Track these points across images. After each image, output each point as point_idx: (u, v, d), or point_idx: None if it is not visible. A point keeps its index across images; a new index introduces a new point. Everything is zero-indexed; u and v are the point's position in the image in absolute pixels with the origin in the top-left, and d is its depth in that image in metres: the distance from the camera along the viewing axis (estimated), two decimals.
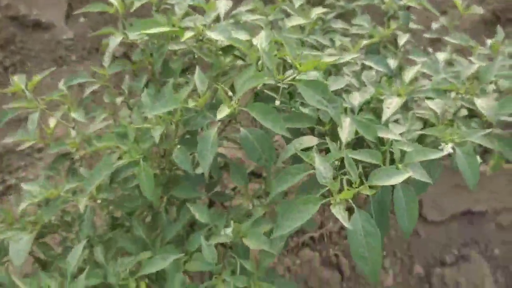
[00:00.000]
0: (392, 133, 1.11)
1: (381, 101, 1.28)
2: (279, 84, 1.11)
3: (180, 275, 1.17)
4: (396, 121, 1.31)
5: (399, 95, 1.24)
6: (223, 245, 1.27)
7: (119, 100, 1.52)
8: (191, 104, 1.10)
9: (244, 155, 2.29)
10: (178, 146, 1.21)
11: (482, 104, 1.23)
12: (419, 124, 1.27)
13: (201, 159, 1.11)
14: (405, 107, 1.37)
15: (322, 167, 0.97)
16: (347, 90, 1.36)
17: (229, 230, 1.24)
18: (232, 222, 1.28)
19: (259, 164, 1.17)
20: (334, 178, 0.98)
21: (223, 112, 1.05)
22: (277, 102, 1.15)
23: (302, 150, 1.13)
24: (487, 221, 2.24)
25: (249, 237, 1.15)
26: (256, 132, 1.16)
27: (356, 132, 1.12)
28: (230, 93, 1.12)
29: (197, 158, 1.24)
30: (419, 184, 1.19)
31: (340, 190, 0.96)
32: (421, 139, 1.35)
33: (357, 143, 1.21)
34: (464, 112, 1.44)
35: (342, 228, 2.17)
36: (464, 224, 2.24)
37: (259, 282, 1.10)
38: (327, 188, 0.97)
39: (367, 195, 0.99)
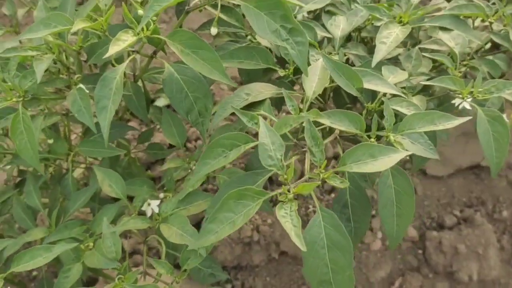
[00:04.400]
0: (386, 84, 0.73)
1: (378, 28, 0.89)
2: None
3: (79, 267, 0.85)
4: (394, 59, 0.93)
5: (401, 22, 0.85)
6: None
7: (22, 11, 1.13)
8: (80, 23, 0.71)
9: None
10: (78, 86, 0.84)
11: None
12: (427, 64, 0.89)
13: (99, 111, 0.75)
14: (410, 39, 0.98)
15: (268, 140, 0.60)
16: (330, 11, 0.97)
17: (155, 204, 0.90)
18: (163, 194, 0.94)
19: (189, 120, 0.80)
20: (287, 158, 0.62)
21: (121, 43, 0.67)
22: (214, 31, 0.76)
23: (253, 104, 0.76)
24: (499, 177, 1.89)
25: (170, 222, 0.81)
26: (186, 71, 0.79)
27: (332, 81, 0.75)
28: (141, 11, 0.73)
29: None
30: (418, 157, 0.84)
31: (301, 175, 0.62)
32: (427, 88, 0.97)
33: (336, 96, 0.84)
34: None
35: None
36: (470, 180, 1.90)
37: None
38: (272, 172, 0.62)
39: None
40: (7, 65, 0.87)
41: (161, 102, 1.67)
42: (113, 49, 0.66)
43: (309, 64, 0.75)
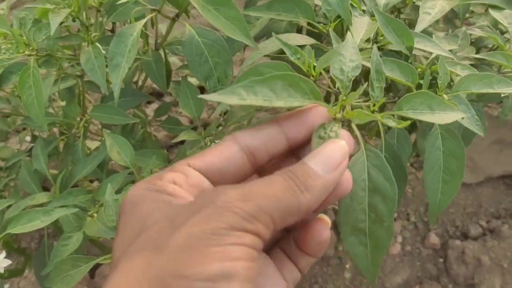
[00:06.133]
0: (436, 46, 0.67)
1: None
2: None
3: (79, 236, 0.80)
4: None
5: None
6: None
7: None
8: None
9: None
10: (94, 44, 0.80)
11: None
12: (471, 50, 0.82)
13: (112, 68, 0.70)
14: (452, 27, 0.91)
15: (348, 54, 0.50)
16: None
17: None
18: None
19: (207, 86, 0.75)
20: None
21: None
22: None
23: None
24: None
25: None
26: (208, 34, 0.74)
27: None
28: None
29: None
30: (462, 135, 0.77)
31: None
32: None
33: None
34: None
35: None
36: (500, 190, 1.82)
37: None
38: None
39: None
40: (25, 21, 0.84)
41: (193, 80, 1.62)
42: None
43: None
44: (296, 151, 0.45)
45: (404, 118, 0.49)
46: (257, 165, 0.43)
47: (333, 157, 0.40)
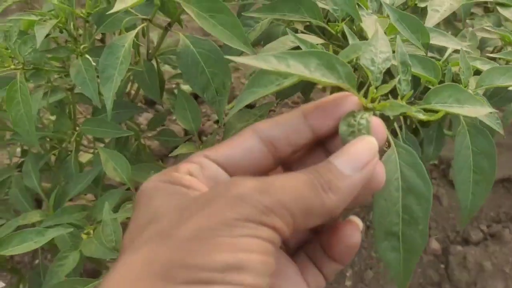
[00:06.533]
0: (452, 40, 0.65)
1: None
2: None
3: (76, 256, 0.77)
4: None
5: None
6: None
7: None
8: None
9: None
10: (84, 56, 0.77)
11: None
12: (477, 52, 0.80)
13: (103, 81, 0.67)
14: (452, 29, 0.89)
15: (378, 45, 0.47)
16: None
17: None
18: None
19: (205, 98, 0.72)
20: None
21: (129, 0, 0.59)
22: None
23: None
24: None
25: None
26: (204, 44, 0.71)
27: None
28: None
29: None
30: None
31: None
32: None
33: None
34: None
35: None
36: (500, 194, 1.80)
37: None
38: None
39: None
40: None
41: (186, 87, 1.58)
42: (119, 6, 0.59)
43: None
44: (324, 143, 0.42)
45: (432, 111, 0.47)
46: (279, 157, 0.40)
47: (361, 156, 0.37)
